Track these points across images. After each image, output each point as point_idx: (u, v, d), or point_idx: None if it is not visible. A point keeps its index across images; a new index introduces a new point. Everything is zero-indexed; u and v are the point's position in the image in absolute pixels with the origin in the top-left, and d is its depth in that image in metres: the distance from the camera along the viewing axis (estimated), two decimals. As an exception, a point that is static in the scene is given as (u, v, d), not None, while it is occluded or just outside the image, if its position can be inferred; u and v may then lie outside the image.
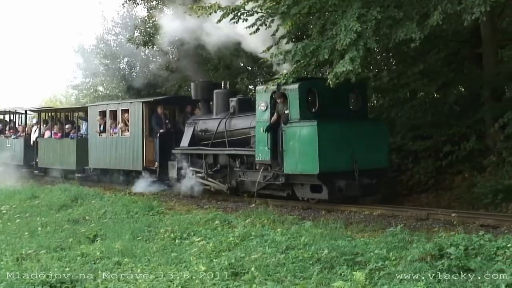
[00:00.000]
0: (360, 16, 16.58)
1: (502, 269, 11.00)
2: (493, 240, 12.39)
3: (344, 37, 16.42)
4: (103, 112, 27.86)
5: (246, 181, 21.02)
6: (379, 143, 18.79)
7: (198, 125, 23.33)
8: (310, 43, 17.75)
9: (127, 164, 25.96)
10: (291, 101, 18.57)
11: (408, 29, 16.84)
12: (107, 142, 27.23)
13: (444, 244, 12.18)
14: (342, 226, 16.39)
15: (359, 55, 16.41)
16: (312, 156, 17.63)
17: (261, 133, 19.22)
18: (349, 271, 11.77)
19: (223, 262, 13.09)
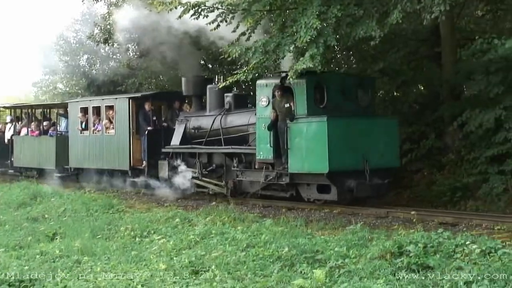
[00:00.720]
0: (321, 13, 16.66)
1: (461, 266, 11.10)
2: (451, 238, 12.49)
3: (304, 34, 16.48)
4: (85, 109, 26.10)
5: (244, 181, 19.81)
6: (389, 141, 17.56)
7: (190, 122, 21.98)
8: (271, 40, 17.79)
9: (112, 163, 24.34)
10: (297, 95, 17.34)
11: (368, 27, 16.96)
12: (90, 140, 25.56)
13: (404, 241, 12.27)
14: (302, 224, 16.46)
15: (319, 52, 16.50)
16: (321, 154, 16.34)
17: (262, 130, 18.01)
18: (309, 269, 11.80)
19: (184, 260, 13.10)
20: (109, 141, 24.22)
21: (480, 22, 22.19)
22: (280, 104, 17.42)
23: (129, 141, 23.08)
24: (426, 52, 22.52)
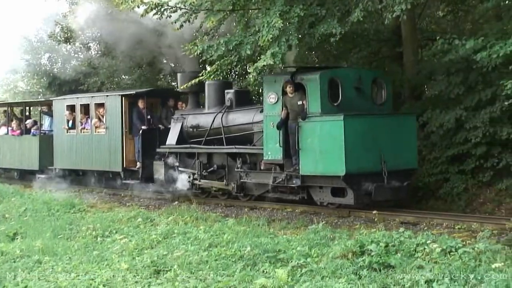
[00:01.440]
0: (283, 13, 16.73)
1: (422, 265, 11.21)
2: (412, 237, 12.58)
3: (266, 33, 16.53)
4: (71, 106, 24.21)
5: (248, 183, 18.21)
6: (407, 140, 16.05)
7: (187, 120, 20.35)
8: (233, 39, 17.79)
9: (102, 164, 22.61)
10: (310, 92, 15.66)
11: (329, 25, 17.08)
12: (77, 140, 23.66)
13: (365, 241, 12.34)
14: (264, 224, 16.49)
15: (281, 51, 16.56)
16: (337, 155, 14.82)
17: (270, 129, 16.36)
18: (271, 268, 11.84)
19: (146, 260, 13.07)
20: (99, 141, 22.59)
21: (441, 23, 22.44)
22: (291, 101, 16.05)
23: (121, 141, 21.58)
24: (388, 52, 22.67)
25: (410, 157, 16.04)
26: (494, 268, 10.53)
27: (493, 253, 11.46)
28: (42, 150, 25.18)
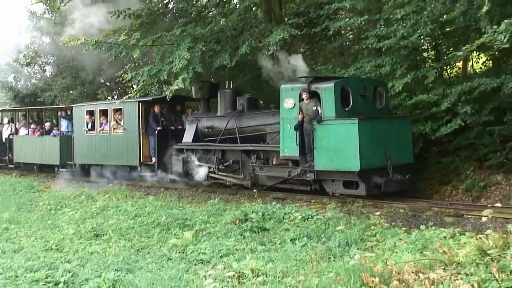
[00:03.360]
0: (190, 48, 16.85)
1: (288, 228, 11.48)
2: (282, 208, 12.83)
3: (178, 63, 16.64)
4: (90, 111, 21.86)
5: (261, 175, 16.27)
6: (405, 139, 14.63)
7: (201, 122, 18.31)
8: (154, 67, 17.95)
9: (120, 160, 20.40)
10: (325, 99, 14.08)
11: (223, 58, 17.34)
12: (96, 139, 21.42)
13: (248, 211, 12.52)
14: (176, 200, 16.57)
15: (189, 76, 16.73)
16: (353, 153, 13.35)
17: (287, 130, 14.80)
18: (181, 232, 11.86)
19: (88, 226, 12.92)
20: (117, 140, 20.41)
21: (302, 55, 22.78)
22: (307, 106, 14.41)
23: (138, 140, 19.50)
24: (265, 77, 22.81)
25: (407, 154, 14.62)
26: (338, 230, 10.86)
27: (337, 219, 11.79)
28: (62, 148, 23.04)
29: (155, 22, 19.57)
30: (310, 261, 9.20)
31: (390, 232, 10.71)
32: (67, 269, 9.26)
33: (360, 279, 7.91)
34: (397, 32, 14.51)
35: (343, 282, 7.94)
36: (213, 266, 9.28)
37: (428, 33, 14.42)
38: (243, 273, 8.59)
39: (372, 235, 10.63)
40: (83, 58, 27.10)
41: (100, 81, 31.02)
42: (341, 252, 9.53)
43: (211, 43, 18.04)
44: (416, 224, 11.45)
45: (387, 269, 8.12)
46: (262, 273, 8.60)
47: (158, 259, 10.09)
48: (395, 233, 10.58)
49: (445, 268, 8.13)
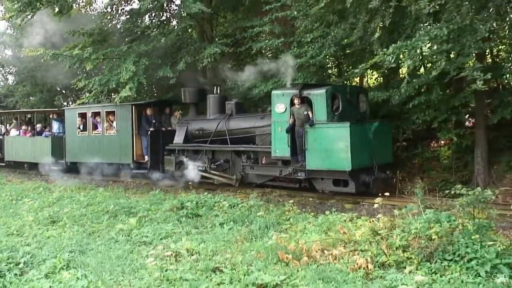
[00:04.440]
0: (135, 62, 16.67)
1: (217, 214, 11.51)
2: (212, 198, 12.85)
3: (125, 74, 16.42)
4: (83, 114, 20.00)
5: (250, 174, 15.01)
6: (386, 141, 13.68)
7: (191, 124, 16.89)
8: (104, 77, 17.64)
9: (113, 158, 18.66)
10: (317, 104, 13.02)
11: (165, 71, 17.19)
12: (89, 139, 19.61)
13: (184, 200, 12.47)
14: (122, 191, 16.31)
15: (134, 86, 16.52)
16: (344, 154, 12.28)
17: (278, 132, 13.64)
18: (126, 218, 11.68)
19: (45, 214, 12.53)
20: (110, 140, 18.77)
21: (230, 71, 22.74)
22: (298, 111, 13.31)
23: (132, 140, 17.95)
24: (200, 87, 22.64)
25: (388, 154, 13.64)
26: (259, 215, 10.95)
27: (258, 206, 11.88)
28: (54, 148, 21.27)
29: (105, 40, 19.19)
30: (236, 242, 9.26)
31: (301, 216, 10.91)
32: (26, 251, 9.02)
33: (277, 256, 8.03)
34: (307, 52, 14.73)
35: (263, 258, 8.04)
36: (154, 247, 9.21)
37: (332, 54, 14.71)
38: (179, 252, 8.59)
39: (287, 219, 10.80)
40: (42, 68, 26.29)
41: (56, 89, 30.11)
42: (261, 234, 9.64)
43: (153, 58, 17.87)
44: (322, 210, 11.69)
45: (299, 247, 8.26)
46: (196, 252, 8.64)
47: (107, 241, 9.91)
48: (305, 218, 10.79)
49: (345, 246, 8.34)
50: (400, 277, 6.85)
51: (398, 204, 10.24)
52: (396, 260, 7.44)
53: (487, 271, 6.76)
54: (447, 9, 10.23)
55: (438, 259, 7.25)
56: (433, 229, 7.71)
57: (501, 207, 9.21)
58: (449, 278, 6.77)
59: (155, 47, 18.01)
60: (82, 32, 18.73)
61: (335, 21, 13.48)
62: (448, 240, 7.43)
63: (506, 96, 13.70)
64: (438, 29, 10.09)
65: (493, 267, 6.81)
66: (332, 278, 7.00)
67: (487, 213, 8.24)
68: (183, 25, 19.02)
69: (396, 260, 7.44)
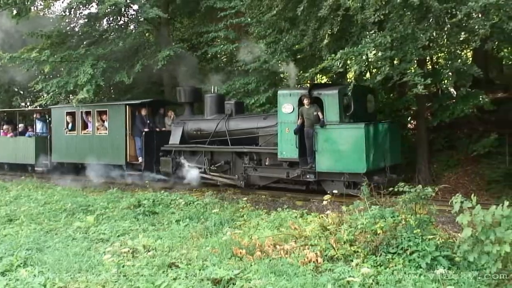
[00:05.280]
0: (93, 65, 16.36)
1: (174, 211, 11.40)
2: (169, 196, 12.71)
3: (83, 77, 16.09)
4: (72, 113, 18.17)
5: (253, 176, 13.81)
6: (396, 142, 12.80)
7: (187, 125, 15.60)
8: (62, 80, 17.32)
9: (104, 158, 17.04)
10: (328, 105, 12.00)
11: (121, 75, 16.95)
12: (77, 139, 17.94)
13: (141, 198, 12.26)
14: (80, 189, 15.89)
15: (92, 88, 16.21)
16: (359, 156, 11.36)
17: (286, 133, 12.60)
18: (84, 216, 11.40)
19: (2, 213, 12.06)
20: (101, 140, 17.25)
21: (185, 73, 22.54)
22: (308, 111, 12.27)
23: (125, 141, 16.47)
24: (155, 90, 22.37)
25: (398, 155, 12.81)
26: (214, 212, 10.87)
27: (213, 204, 11.83)
28: (38, 148, 19.57)
29: (64, 42, 18.73)
30: (191, 238, 9.17)
31: (254, 213, 10.91)
32: (-17, 250, 8.66)
33: (231, 251, 7.99)
34: (261, 57, 14.75)
35: (218, 253, 7.98)
36: (111, 244, 9.02)
37: (284, 59, 14.78)
38: (136, 249, 8.44)
39: (241, 216, 10.77)
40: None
41: (14, 90, 29.14)
42: (216, 230, 9.58)
43: (111, 61, 17.56)
44: (274, 207, 11.71)
45: (252, 243, 8.23)
46: (152, 248, 8.51)
47: (64, 239, 9.63)
48: (258, 214, 10.79)
49: (296, 241, 8.36)
50: (347, 269, 6.91)
51: (345, 201, 10.35)
52: (344, 253, 7.50)
53: (427, 263, 6.90)
54: (390, 19, 10.42)
55: (383, 252, 7.36)
56: (378, 224, 7.82)
57: (440, 203, 9.44)
58: (393, 270, 6.88)
59: (113, 50, 17.73)
60: (40, 34, 18.27)
61: (286, 28, 13.54)
62: (392, 234, 7.55)
63: (444, 100, 14.10)
64: (382, 37, 10.28)
65: (433, 259, 6.96)
66: (284, 272, 7.00)
67: (427, 209, 8.41)
68: (140, 29, 18.85)
69: (344, 253, 7.50)
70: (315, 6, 11.56)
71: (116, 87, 22.27)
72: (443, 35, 10.99)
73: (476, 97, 12.69)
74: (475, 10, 9.32)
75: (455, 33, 10.59)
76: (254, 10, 14.21)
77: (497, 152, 13.73)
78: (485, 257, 5.97)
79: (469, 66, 10.88)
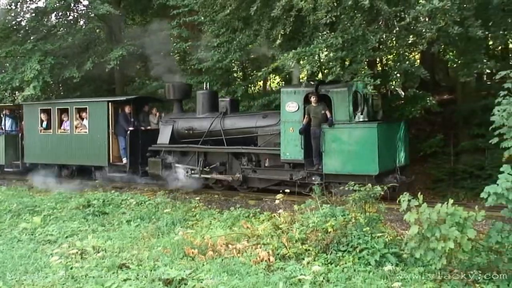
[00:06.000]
0: (40, 61, 15.95)
1: (124, 212, 11.25)
2: (120, 196, 12.53)
3: (29, 73, 15.64)
4: (47, 110, 16.41)
5: (251, 178, 12.84)
6: (405, 142, 11.88)
7: (177, 123, 14.30)
8: (6, 75, 16.80)
9: (84, 159, 15.60)
10: (337, 103, 11.11)
11: (71, 71, 16.58)
12: (53, 138, 16.23)
13: (91, 198, 12.06)
14: (26, 189, 15.45)
15: (39, 85, 15.79)
16: (370, 157, 10.53)
17: (290, 133, 11.68)
18: (30, 217, 11.09)
19: None
20: (80, 139, 15.60)
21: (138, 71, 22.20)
22: (315, 110, 11.37)
23: (107, 140, 14.99)
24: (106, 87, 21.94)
25: (406, 155, 11.90)
26: (166, 212, 10.78)
27: (165, 203, 11.73)
28: (7, 148, 17.51)
29: (9, 37, 18.12)
30: (143, 238, 9.08)
31: (207, 213, 10.88)
32: None
33: (183, 251, 7.95)
34: (214, 56, 14.71)
35: (169, 254, 7.93)
36: (59, 245, 8.82)
37: (237, 58, 14.79)
38: (85, 250, 8.28)
39: (193, 216, 10.73)
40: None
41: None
42: (168, 230, 9.51)
43: (60, 57, 17.12)
44: (227, 206, 11.69)
45: (204, 242, 8.22)
46: (102, 249, 8.38)
47: (9, 241, 9.34)
48: (211, 214, 10.78)
49: (249, 240, 8.40)
50: (299, 267, 6.99)
51: (297, 200, 10.45)
52: (296, 252, 7.58)
53: (376, 260, 7.06)
54: (342, 20, 10.59)
55: (334, 250, 7.48)
56: (329, 223, 7.94)
57: (389, 202, 9.64)
58: (343, 267, 7.00)
59: (62, 46, 17.29)
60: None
61: (240, 27, 13.56)
62: (343, 232, 7.68)
63: (394, 101, 14.46)
64: (334, 38, 10.44)
65: (382, 256, 7.13)
66: (236, 271, 7.01)
67: (376, 208, 8.61)
68: (91, 25, 18.47)
69: (295, 252, 7.58)
70: (268, 6, 11.62)
71: (65, 84, 21.69)
72: (392, 37, 11.25)
73: (423, 99, 13.08)
74: (422, 14, 9.60)
75: (404, 36, 10.87)
76: (208, 8, 14.15)
77: (443, 152, 14.21)
78: (430, 254, 6.15)
79: (416, 68, 11.18)
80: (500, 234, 6.18)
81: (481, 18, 9.92)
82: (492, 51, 15.69)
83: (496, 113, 6.60)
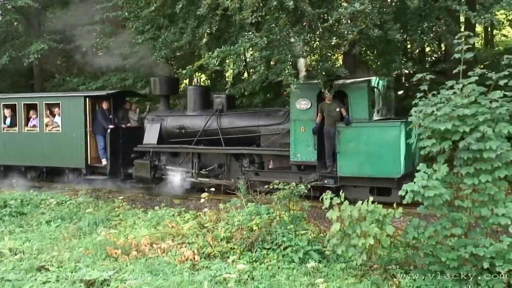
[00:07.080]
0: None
1: (44, 212, 10.91)
2: (38, 195, 12.11)
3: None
4: (11, 106, 14.67)
5: (254, 181, 11.66)
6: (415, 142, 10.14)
7: (166, 121, 13.13)
8: None
9: (57, 161, 13.90)
10: (355, 100, 10.25)
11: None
12: (19, 137, 14.44)
13: (8, 198, 11.54)
14: None
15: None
16: (393, 158, 9.60)
17: (301, 132, 10.73)
18: None
19: None
20: (52, 139, 13.94)
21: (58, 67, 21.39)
22: (329, 107, 10.53)
23: (85, 140, 13.47)
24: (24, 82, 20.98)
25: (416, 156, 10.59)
26: (88, 212, 10.50)
27: (88, 203, 11.42)
28: None
29: None
30: (63, 239, 8.80)
31: (131, 212, 10.69)
32: None
33: (106, 252, 7.76)
34: (138, 53, 14.43)
35: (91, 254, 7.74)
36: (-28, 248, 8.31)
37: (163, 56, 14.57)
38: (1, 252, 7.93)
39: (116, 215, 10.51)
40: None
41: None
42: (90, 231, 9.28)
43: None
44: (152, 205, 11.52)
45: (128, 242, 8.07)
46: (20, 251, 8.07)
47: None
48: (135, 213, 10.58)
49: (173, 239, 8.32)
50: (224, 266, 7.00)
51: (223, 199, 10.46)
52: (221, 250, 7.58)
53: (300, 257, 7.19)
54: (267, 21, 10.69)
55: (258, 248, 7.55)
56: (254, 221, 8.00)
57: (312, 200, 9.83)
58: (268, 265, 7.08)
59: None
60: None
61: (165, 24, 13.37)
62: (267, 230, 7.76)
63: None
64: (259, 38, 10.52)
65: (305, 254, 7.27)
66: (161, 271, 6.93)
67: (300, 205, 8.77)
68: (7, 17, 17.64)
69: (220, 250, 7.58)
70: (194, 4, 11.55)
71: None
72: (316, 38, 11.48)
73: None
74: (344, 16, 9.85)
75: (327, 37, 11.12)
76: (132, 4, 13.85)
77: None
78: (352, 250, 6.34)
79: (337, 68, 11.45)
80: (416, 230, 6.45)
81: (399, 22, 10.33)
82: (410, 54, 16.41)
83: (413, 113, 6.88)
